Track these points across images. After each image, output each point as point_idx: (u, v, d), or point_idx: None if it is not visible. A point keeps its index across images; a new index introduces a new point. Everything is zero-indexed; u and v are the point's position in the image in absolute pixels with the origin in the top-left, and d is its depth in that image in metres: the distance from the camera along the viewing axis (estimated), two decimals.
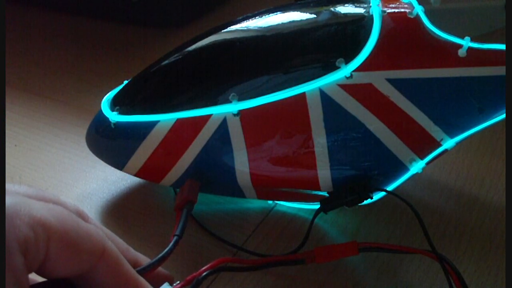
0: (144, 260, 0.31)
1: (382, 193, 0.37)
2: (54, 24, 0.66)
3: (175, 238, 0.33)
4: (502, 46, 0.34)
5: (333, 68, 0.35)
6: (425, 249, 0.34)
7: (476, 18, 0.39)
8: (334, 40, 0.36)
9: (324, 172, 0.36)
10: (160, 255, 0.31)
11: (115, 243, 0.28)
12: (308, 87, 0.35)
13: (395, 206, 0.40)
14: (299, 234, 0.38)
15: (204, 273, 0.32)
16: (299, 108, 0.35)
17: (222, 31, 0.39)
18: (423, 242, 0.34)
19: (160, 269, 0.32)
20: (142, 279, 0.28)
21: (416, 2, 0.35)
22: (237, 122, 0.36)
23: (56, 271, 0.25)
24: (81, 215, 0.28)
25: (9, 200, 0.24)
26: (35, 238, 0.23)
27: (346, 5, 0.37)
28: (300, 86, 0.35)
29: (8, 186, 0.26)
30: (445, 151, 0.37)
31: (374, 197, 0.37)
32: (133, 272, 0.27)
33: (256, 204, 0.41)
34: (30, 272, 0.24)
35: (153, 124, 0.37)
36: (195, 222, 0.40)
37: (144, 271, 0.29)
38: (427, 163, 0.37)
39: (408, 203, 0.35)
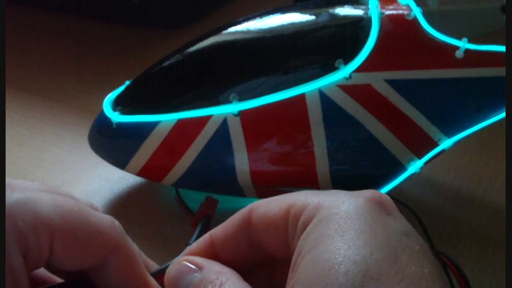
0: (154, 267, 0.30)
1: None
2: (56, 25, 0.66)
3: (187, 247, 0.32)
4: (499, 48, 0.34)
5: (332, 69, 0.35)
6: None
7: (474, 20, 0.39)
8: (333, 41, 0.36)
9: (323, 172, 0.36)
10: (170, 262, 0.30)
11: None
12: (308, 88, 0.35)
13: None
14: None
15: None
16: (298, 108, 0.35)
17: (223, 32, 0.39)
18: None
19: None
20: (153, 281, 0.28)
21: (414, 4, 0.36)
22: (238, 122, 0.36)
23: (63, 267, 0.25)
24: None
25: (16, 196, 0.24)
26: (37, 239, 0.23)
27: (345, 6, 0.38)
28: (299, 86, 0.35)
29: (20, 182, 0.26)
30: (443, 151, 0.37)
31: None
32: (144, 272, 0.27)
33: None
34: (34, 269, 0.25)
35: (154, 124, 0.38)
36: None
37: (155, 275, 0.29)
38: (425, 163, 0.37)
39: (404, 204, 0.35)
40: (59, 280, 0.28)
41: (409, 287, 0.19)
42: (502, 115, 0.36)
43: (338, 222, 0.21)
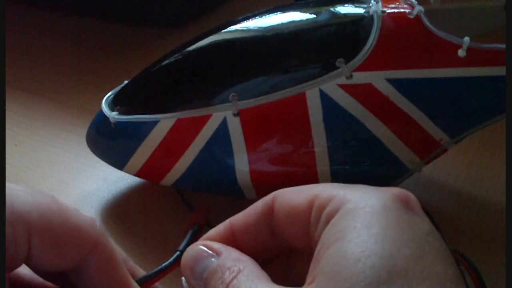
0: (142, 273, 0.30)
1: None
2: (54, 24, 0.66)
3: (176, 253, 0.32)
4: (502, 46, 0.34)
5: (333, 68, 0.35)
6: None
7: (476, 18, 0.39)
8: (334, 40, 0.36)
9: (324, 172, 0.36)
10: (158, 268, 0.30)
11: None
12: (308, 87, 0.35)
13: None
14: None
15: None
16: (299, 108, 0.35)
17: (222, 31, 0.39)
18: None
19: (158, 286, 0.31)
20: (134, 283, 0.27)
21: (416, 2, 0.36)
22: (237, 122, 0.36)
23: (43, 266, 0.25)
24: None
25: None
26: (13, 233, 0.23)
27: (346, 5, 0.37)
28: (300, 86, 0.35)
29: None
30: (445, 150, 0.37)
31: None
32: (126, 274, 0.27)
33: None
34: (14, 267, 0.24)
35: (153, 124, 0.37)
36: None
37: (140, 283, 0.28)
38: (427, 163, 0.37)
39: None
40: (47, 284, 0.27)
41: (434, 286, 0.19)
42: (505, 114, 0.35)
43: (364, 216, 0.21)
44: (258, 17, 0.39)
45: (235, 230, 0.26)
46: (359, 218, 0.21)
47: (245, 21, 0.39)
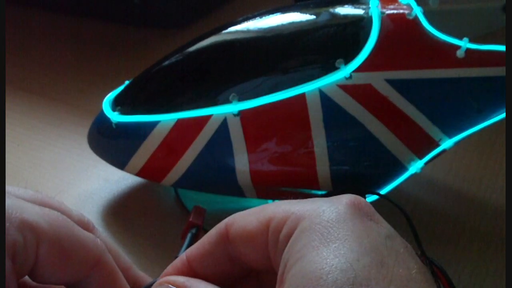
0: (146, 280, 0.30)
1: (376, 196, 0.37)
2: (56, 25, 0.66)
3: (169, 266, 0.32)
4: (500, 47, 0.34)
5: (333, 68, 0.35)
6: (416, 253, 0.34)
7: (474, 20, 0.39)
8: (334, 41, 0.36)
9: (323, 172, 0.36)
10: (161, 276, 0.29)
11: (117, 258, 0.28)
12: (308, 88, 0.35)
13: (391, 208, 0.40)
14: None
15: None
16: (299, 108, 0.35)
17: (223, 32, 0.39)
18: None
19: None
20: None
21: (415, 3, 0.36)
22: (238, 122, 0.36)
23: (47, 277, 0.25)
24: (84, 224, 0.28)
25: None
26: (24, 242, 0.23)
27: (345, 6, 0.38)
28: (300, 86, 0.35)
29: (11, 188, 0.26)
30: (444, 151, 0.37)
31: (367, 200, 0.37)
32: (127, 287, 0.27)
33: (255, 203, 0.41)
34: (21, 276, 0.24)
35: (154, 124, 0.37)
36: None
37: None
38: (426, 163, 0.37)
39: (398, 207, 0.34)
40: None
41: None
42: (503, 115, 0.35)
43: (321, 232, 0.21)
44: (258, 18, 0.39)
45: (192, 262, 0.26)
46: (316, 235, 0.21)
47: (246, 22, 0.39)
